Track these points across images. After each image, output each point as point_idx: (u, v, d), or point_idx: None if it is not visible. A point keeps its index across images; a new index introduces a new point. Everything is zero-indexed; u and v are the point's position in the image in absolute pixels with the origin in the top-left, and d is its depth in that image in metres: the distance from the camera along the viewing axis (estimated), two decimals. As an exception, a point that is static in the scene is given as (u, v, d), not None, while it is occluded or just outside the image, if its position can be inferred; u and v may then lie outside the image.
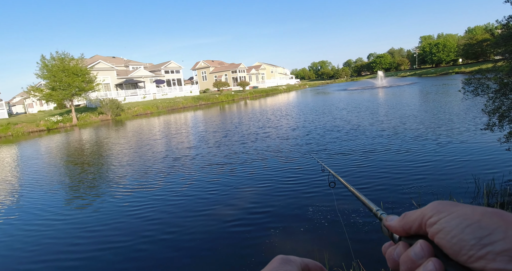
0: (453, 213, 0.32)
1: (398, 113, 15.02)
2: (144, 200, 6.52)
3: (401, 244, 0.38)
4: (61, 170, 10.46)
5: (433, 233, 0.33)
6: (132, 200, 6.59)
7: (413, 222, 0.36)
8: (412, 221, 0.37)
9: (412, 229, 0.37)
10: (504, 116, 5.40)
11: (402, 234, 0.39)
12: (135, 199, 6.63)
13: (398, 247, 0.38)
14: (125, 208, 6.20)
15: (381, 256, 0.40)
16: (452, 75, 54.35)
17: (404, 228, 0.38)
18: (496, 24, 5.67)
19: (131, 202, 6.49)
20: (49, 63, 28.25)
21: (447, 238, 0.31)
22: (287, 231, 4.52)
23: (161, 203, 6.22)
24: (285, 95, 48.33)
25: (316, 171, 7.24)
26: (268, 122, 16.66)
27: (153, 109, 36.99)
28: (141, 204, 6.27)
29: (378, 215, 0.50)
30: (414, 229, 0.36)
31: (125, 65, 57.27)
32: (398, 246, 0.39)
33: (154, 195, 6.75)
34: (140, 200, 6.55)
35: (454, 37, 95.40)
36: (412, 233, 0.37)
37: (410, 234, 0.38)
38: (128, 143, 14.74)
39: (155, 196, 6.68)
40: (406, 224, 0.38)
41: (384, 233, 0.44)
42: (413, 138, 9.49)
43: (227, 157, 9.52)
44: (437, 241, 0.32)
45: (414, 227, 0.36)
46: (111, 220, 5.66)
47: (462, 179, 5.77)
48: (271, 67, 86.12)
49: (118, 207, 6.32)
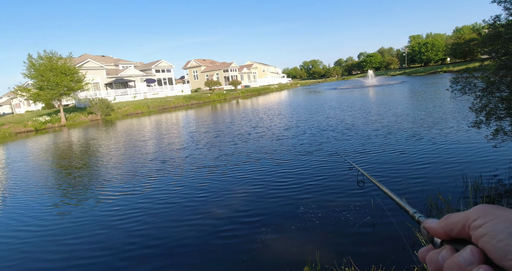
0: (500, 216, 0.31)
1: (387, 112, 15.19)
2: (128, 207, 6.05)
3: (447, 248, 0.37)
4: (45, 174, 10.00)
5: (478, 236, 0.32)
6: (114, 208, 6.13)
7: (456, 224, 0.35)
8: (454, 223, 0.35)
9: (454, 231, 0.35)
10: (491, 114, 5.52)
11: (443, 237, 0.38)
12: (118, 207, 6.17)
13: (443, 251, 0.37)
14: (107, 217, 5.74)
15: (372, 252, 0.39)
16: (440, 74, 55.24)
17: (446, 230, 0.37)
18: (483, 24, 5.77)
19: (114, 210, 6.03)
20: (37, 63, 27.68)
21: (493, 242, 0.30)
22: (279, 230, 4.53)
23: (145, 211, 5.78)
24: (277, 94, 48.41)
25: (308, 170, 7.27)
26: (261, 122, 16.61)
27: (144, 109, 36.62)
28: (125, 212, 5.81)
29: (415, 218, 0.48)
30: (456, 231, 0.35)
31: (115, 64, 56.54)
32: (443, 250, 0.37)
33: (139, 202, 6.31)
34: (123, 207, 6.08)
35: (442, 36, 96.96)
36: (454, 236, 0.36)
37: (452, 236, 0.36)
38: (116, 144, 14.51)
39: (140, 203, 6.23)
40: (447, 226, 0.36)
41: (423, 237, 0.43)
42: (401, 135, 9.61)
43: (219, 158, 9.43)
44: (482, 244, 0.31)
45: (457, 229, 0.35)
46: (89, 232, 5.20)
47: (450, 175, 5.87)
48: (263, 66, 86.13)
49: (99, 216, 5.86)
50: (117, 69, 51.72)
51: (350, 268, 3.04)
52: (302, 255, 3.71)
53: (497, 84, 5.38)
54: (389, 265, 3.23)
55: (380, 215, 4.61)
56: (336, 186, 6.06)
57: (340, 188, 5.91)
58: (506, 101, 5.41)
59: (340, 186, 6.01)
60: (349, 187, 5.82)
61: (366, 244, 3.91)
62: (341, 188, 5.90)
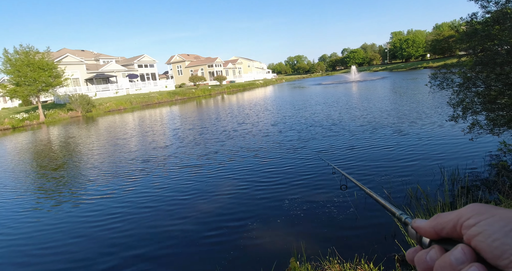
0: (495, 215, 0.31)
1: (367, 107, 15.51)
2: (105, 212, 5.67)
3: (436, 248, 0.36)
4: (20, 174, 9.48)
5: (471, 235, 0.31)
6: (90, 213, 5.74)
7: (447, 223, 0.35)
8: (445, 222, 0.35)
9: (445, 230, 0.35)
10: (467, 109, 5.75)
11: (432, 236, 0.37)
12: (94, 211, 5.79)
13: (432, 251, 0.36)
14: (81, 223, 5.34)
15: (355, 242, 0.38)
16: (421, 70, 56.70)
17: (436, 229, 0.36)
18: (461, 22, 5.97)
19: (89, 215, 5.63)
20: (13, 57, 26.54)
21: (487, 241, 0.29)
22: (264, 224, 4.60)
23: (123, 216, 5.44)
24: (262, 90, 48.45)
25: (292, 167, 7.37)
26: (247, 118, 16.53)
27: (127, 105, 35.87)
28: (102, 218, 5.44)
29: (402, 219, 0.47)
30: (447, 230, 0.35)
31: (95, 59, 54.97)
32: (432, 250, 0.36)
33: (117, 205, 5.96)
34: (100, 212, 5.71)
35: (423, 33, 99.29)
36: (444, 235, 0.35)
37: (442, 236, 0.36)
38: (97, 142, 14.12)
39: (119, 207, 5.88)
40: (438, 225, 0.36)
41: (411, 237, 0.42)
42: (382, 130, 9.87)
43: (204, 156, 9.42)
44: (475, 244, 0.31)
45: (447, 229, 0.35)
46: (60, 241, 4.77)
47: (428, 168, 6.10)
48: (248, 61, 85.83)
49: (73, 222, 5.45)
50: (98, 64, 50.30)
51: (334, 258, 3.14)
52: (288, 247, 3.79)
53: (473, 79, 5.61)
54: (371, 254, 3.35)
55: (362, 207, 4.76)
56: (319, 180, 6.18)
57: (324, 182, 6.03)
58: (481, 96, 5.65)
59: (323, 180, 6.13)
60: (333, 181, 5.95)
61: (350, 234, 4.03)
62: (325, 182, 6.02)
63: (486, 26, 5.28)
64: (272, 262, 3.45)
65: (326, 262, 3.13)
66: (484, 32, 5.24)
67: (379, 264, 2.98)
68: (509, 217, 0.30)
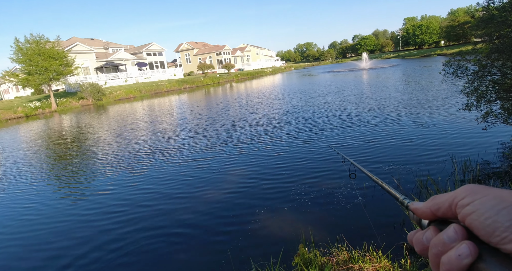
0: (488, 195, 0.32)
1: (380, 96, 15.28)
2: (115, 199, 5.62)
3: (431, 229, 0.37)
4: (24, 166, 9.25)
5: (465, 214, 0.32)
6: (91, 206, 5.59)
7: (443, 203, 0.36)
8: (441, 202, 0.36)
9: (441, 210, 0.36)
10: (482, 97, 5.62)
11: (429, 217, 0.38)
12: (95, 204, 5.65)
13: (428, 231, 0.37)
14: (81, 216, 5.22)
15: (364, 230, 0.38)
16: (434, 57, 55.19)
17: (432, 209, 0.37)
18: (477, 7, 5.77)
19: (88, 214, 5.34)
20: (24, 47, 26.84)
21: (480, 219, 0.31)
22: (272, 211, 4.67)
23: (133, 203, 5.49)
24: (271, 78, 48.06)
25: (299, 153, 7.38)
26: (256, 107, 16.38)
27: (136, 94, 36.14)
28: (104, 211, 5.29)
29: (404, 203, 0.49)
30: (443, 210, 0.36)
31: (105, 48, 55.15)
32: (428, 231, 0.38)
33: (126, 195, 5.92)
34: (101, 205, 5.55)
35: (437, 19, 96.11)
36: (440, 215, 0.37)
37: (438, 216, 0.37)
38: (107, 130, 14.37)
39: (127, 195, 5.87)
40: (434, 205, 0.37)
41: (411, 220, 0.43)
42: (392, 117, 9.74)
43: (213, 145, 9.48)
44: (469, 222, 0.32)
45: (443, 209, 0.36)
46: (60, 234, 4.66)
47: (440, 157, 6.04)
48: (257, 49, 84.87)
49: (83, 210, 5.39)
50: (107, 53, 50.47)
51: (343, 245, 3.19)
52: (297, 233, 3.86)
53: (488, 67, 5.45)
54: (380, 242, 3.39)
55: (371, 196, 4.77)
56: (328, 170, 6.19)
57: (332, 171, 6.04)
58: (497, 85, 5.50)
59: (332, 170, 6.14)
60: (341, 170, 5.96)
61: (358, 222, 4.07)
62: (333, 171, 6.03)
63: (504, 12, 5.10)
64: (280, 248, 3.52)
65: (334, 249, 3.18)
66: (501, 18, 5.06)
67: (387, 252, 3.01)
68: (501, 195, 0.31)
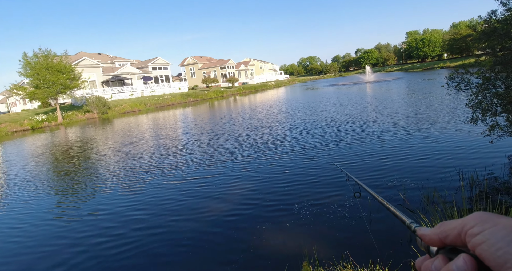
0: (498, 224, 0.31)
1: (386, 109, 15.24)
2: (100, 227, 5.15)
3: (440, 257, 0.36)
4: (19, 183, 8.87)
5: (475, 244, 0.31)
6: (84, 229, 5.24)
7: (451, 230, 0.35)
8: (450, 230, 0.35)
9: (449, 238, 0.35)
10: (487, 110, 5.56)
11: (437, 244, 0.37)
12: (88, 227, 5.29)
13: (436, 260, 0.36)
14: (72, 240, 4.85)
15: (369, 247, 0.38)
16: (438, 70, 55.37)
17: (440, 237, 0.36)
18: (479, 20, 5.79)
19: (83, 231, 5.13)
20: (32, 61, 27.46)
21: (491, 250, 0.30)
22: (275, 226, 4.57)
23: (139, 213, 5.59)
24: (274, 91, 48.36)
25: (303, 169, 7.30)
26: (261, 122, 16.05)
27: (141, 107, 36.49)
28: (96, 234, 4.95)
29: (412, 227, 0.47)
30: (452, 238, 0.35)
31: (111, 62, 56.19)
32: (436, 259, 0.36)
33: (131, 205, 5.88)
34: (94, 227, 5.20)
35: (439, 32, 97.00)
36: (448, 243, 0.36)
37: (446, 244, 0.36)
38: (109, 145, 14.33)
39: (132, 206, 5.87)
40: (442, 233, 0.36)
41: (418, 246, 0.42)
42: (398, 131, 9.66)
43: (217, 158, 9.46)
44: (479, 252, 0.31)
45: (452, 236, 0.35)
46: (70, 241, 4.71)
47: (446, 171, 5.93)
48: (260, 63, 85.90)
49: (63, 236, 4.97)
50: (114, 67, 51.39)
51: (348, 263, 3.08)
52: (300, 250, 3.75)
53: (492, 80, 5.42)
54: (386, 259, 3.28)
55: (376, 211, 4.66)
56: (332, 186, 6.10)
57: (336, 187, 5.95)
58: (501, 97, 5.45)
59: (336, 185, 6.05)
60: (344, 185, 5.86)
61: (363, 239, 3.95)
62: (337, 187, 5.94)
63: (506, 25, 5.10)
64: (284, 265, 3.41)
65: (339, 267, 3.08)
66: (503, 30, 5.06)
67: (394, 270, 2.91)
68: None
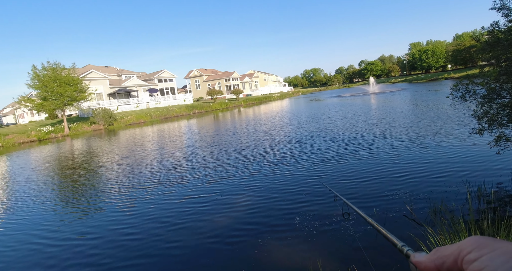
0: (496, 249, 0.29)
1: (390, 119, 15.17)
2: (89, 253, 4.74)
3: None
4: (20, 196, 8.68)
5: (473, 270, 0.30)
6: (77, 249, 4.91)
7: (447, 257, 0.34)
8: (446, 256, 0.34)
9: (445, 265, 0.34)
10: (493, 121, 5.49)
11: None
12: (81, 248, 4.95)
13: None
14: (110, 229, 5.62)
15: (374, 261, 0.38)
16: (442, 81, 55.28)
17: (436, 263, 0.35)
18: (482, 31, 5.81)
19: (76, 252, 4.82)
20: (41, 73, 28.04)
21: None
22: (279, 240, 4.48)
23: (142, 225, 5.62)
24: (279, 103, 48.56)
25: (303, 182, 7.21)
26: (265, 134, 15.54)
27: (147, 119, 36.81)
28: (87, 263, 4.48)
29: (404, 251, 0.45)
30: (448, 265, 0.33)
31: (118, 75, 57.14)
32: None
33: (136, 217, 5.88)
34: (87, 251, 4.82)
35: (443, 43, 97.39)
36: (445, 270, 0.34)
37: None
38: (113, 158, 14.34)
39: (137, 218, 5.88)
40: (438, 259, 0.35)
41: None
42: (403, 142, 9.57)
43: (219, 172, 9.41)
44: None
45: (448, 263, 0.33)
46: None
47: (453, 183, 5.82)
48: (264, 75, 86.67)
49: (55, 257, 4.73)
50: (120, 80, 52.23)
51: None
52: (304, 264, 3.66)
53: (498, 90, 5.38)
54: (392, 275, 3.18)
55: (382, 224, 4.56)
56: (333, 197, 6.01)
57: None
58: (508, 108, 5.39)
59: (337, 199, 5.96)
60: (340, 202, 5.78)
61: (368, 252, 3.85)
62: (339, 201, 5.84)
63: (509, 35, 5.10)
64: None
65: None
66: (507, 41, 5.06)
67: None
68: (511, 251, 0.29)
